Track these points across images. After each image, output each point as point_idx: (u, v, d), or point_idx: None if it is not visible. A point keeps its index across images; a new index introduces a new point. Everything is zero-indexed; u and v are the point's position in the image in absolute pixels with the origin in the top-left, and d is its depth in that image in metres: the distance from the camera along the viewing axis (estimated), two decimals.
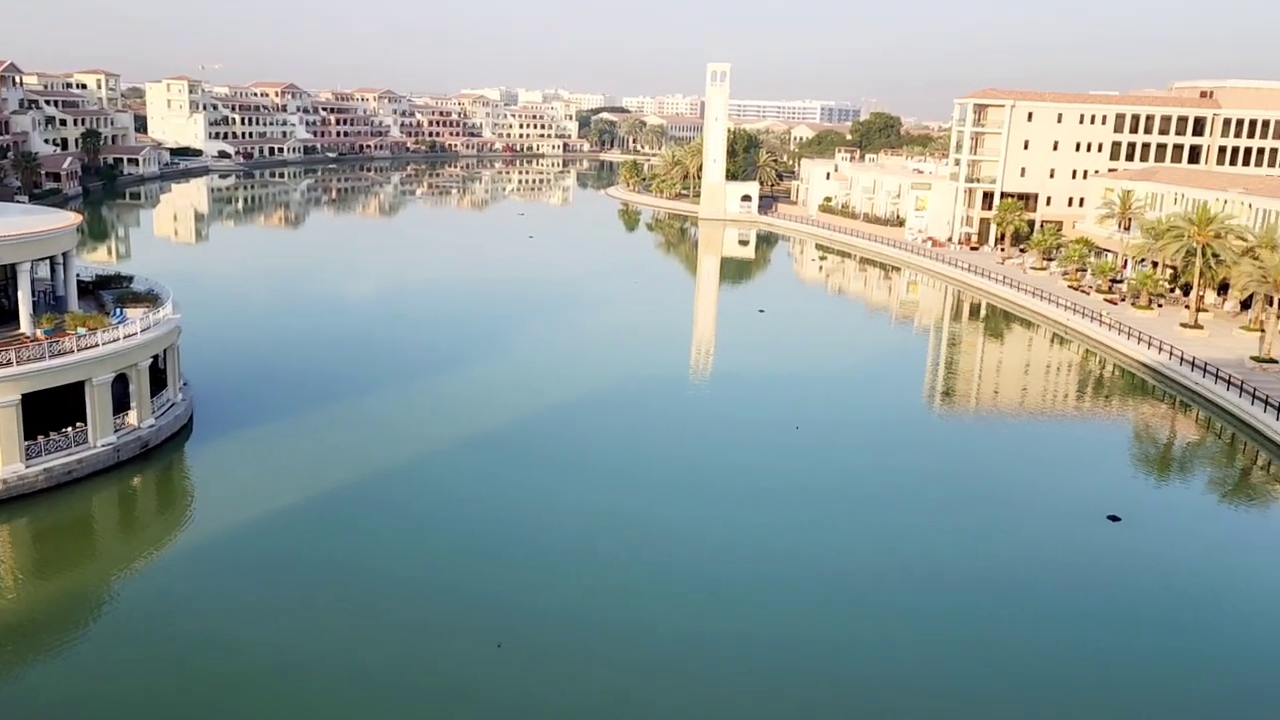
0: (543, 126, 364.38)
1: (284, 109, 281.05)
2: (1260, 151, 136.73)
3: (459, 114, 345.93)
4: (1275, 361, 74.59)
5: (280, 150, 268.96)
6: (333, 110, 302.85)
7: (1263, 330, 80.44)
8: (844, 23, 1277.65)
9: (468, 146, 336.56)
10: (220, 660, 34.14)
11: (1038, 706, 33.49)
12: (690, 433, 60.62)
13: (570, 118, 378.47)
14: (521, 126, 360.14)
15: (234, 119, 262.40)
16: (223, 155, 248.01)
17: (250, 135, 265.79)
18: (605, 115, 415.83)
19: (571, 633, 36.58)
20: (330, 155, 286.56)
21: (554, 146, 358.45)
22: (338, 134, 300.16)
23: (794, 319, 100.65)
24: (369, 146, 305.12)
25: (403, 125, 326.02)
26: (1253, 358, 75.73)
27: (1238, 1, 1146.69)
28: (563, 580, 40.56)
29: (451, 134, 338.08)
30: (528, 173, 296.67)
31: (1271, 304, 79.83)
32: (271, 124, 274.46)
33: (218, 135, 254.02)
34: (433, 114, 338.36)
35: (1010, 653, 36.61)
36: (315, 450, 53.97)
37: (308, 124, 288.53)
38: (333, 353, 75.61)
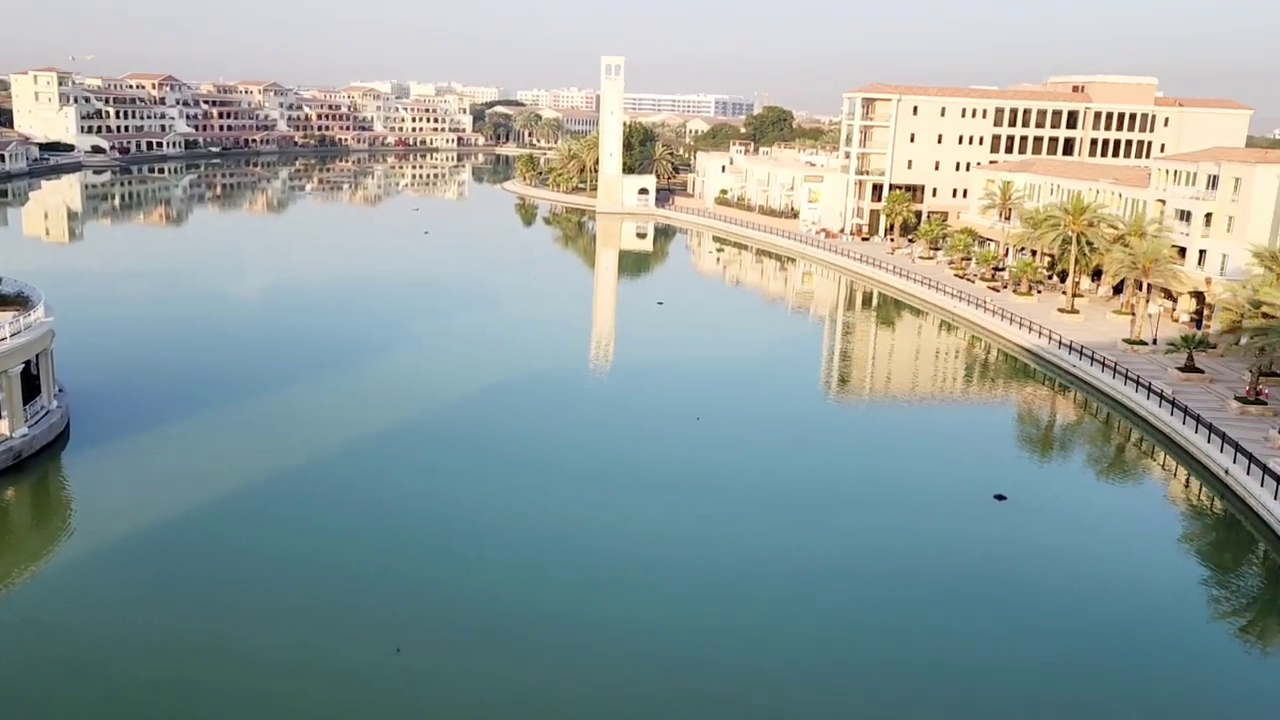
0: (436, 120, 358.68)
1: (162, 101, 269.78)
2: (1128, 143, 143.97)
3: (349, 107, 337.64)
4: (1145, 343, 78.67)
5: (159, 145, 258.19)
6: (215, 103, 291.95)
7: (1133, 314, 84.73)
8: (734, 17, 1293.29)
9: (359, 141, 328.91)
10: (103, 673, 32.86)
11: (927, 685, 34.64)
12: (591, 425, 60.72)
13: (464, 111, 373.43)
14: (414, 120, 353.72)
15: (108, 112, 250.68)
16: (97, 150, 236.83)
17: (126, 129, 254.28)
18: (500, 109, 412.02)
19: (470, 633, 36.25)
20: (213, 150, 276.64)
21: (448, 140, 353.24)
22: (221, 128, 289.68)
23: (693, 311, 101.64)
24: (255, 141, 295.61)
25: (290, 119, 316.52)
26: (1125, 340, 79.74)
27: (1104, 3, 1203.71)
28: (461, 579, 40.14)
29: (341, 128, 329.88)
30: (422, 167, 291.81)
31: (1141, 289, 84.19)
32: (149, 117, 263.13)
33: (91, 129, 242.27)
34: (321, 107, 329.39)
35: (900, 634, 37.68)
36: (201, 455, 52.12)
37: (188, 117, 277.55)
38: (221, 355, 73.10)
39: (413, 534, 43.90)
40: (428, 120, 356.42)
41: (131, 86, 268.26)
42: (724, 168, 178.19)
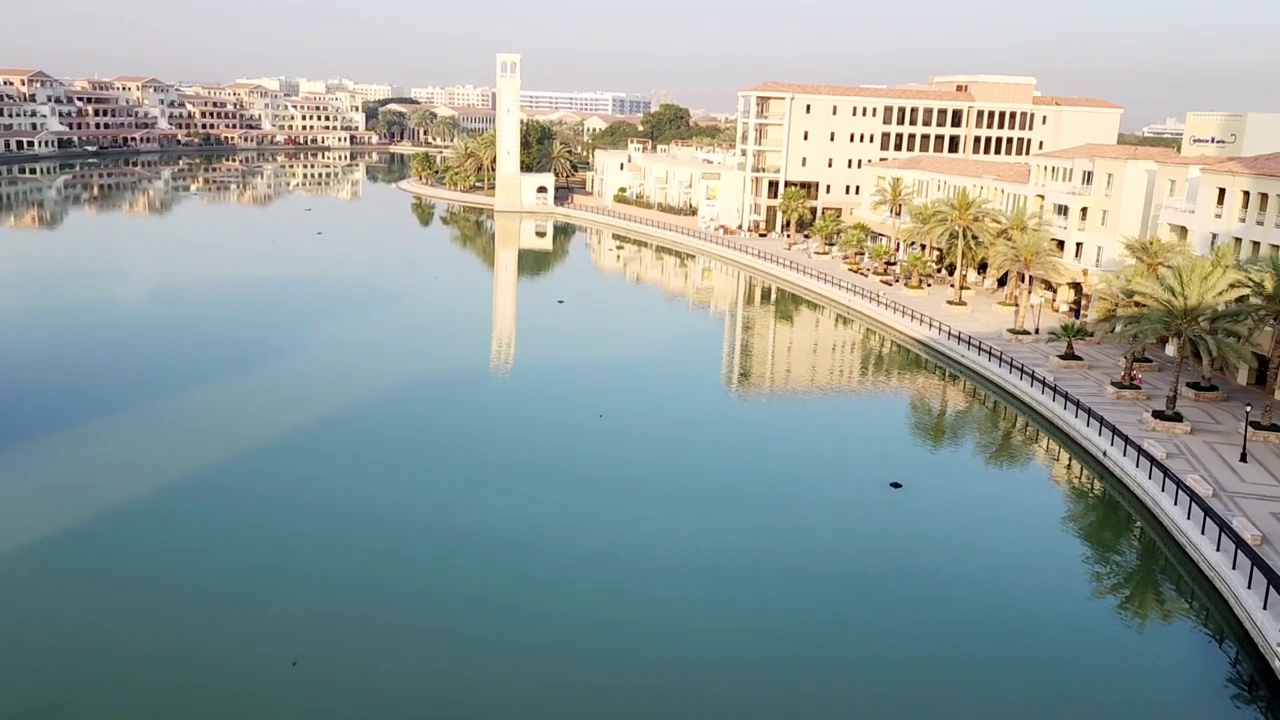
0: (327, 118, 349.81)
1: (32, 99, 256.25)
2: (1009, 141, 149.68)
3: (235, 105, 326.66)
4: (1028, 333, 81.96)
5: (30, 144, 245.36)
6: (90, 100, 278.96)
7: (1017, 305, 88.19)
8: (629, 15, 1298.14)
9: (246, 139, 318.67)
10: None
11: (828, 673, 35.46)
12: (493, 424, 60.20)
13: (356, 109, 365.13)
14: (304, 118, 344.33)
15: None
16: None
17: None
18: (393, 106, 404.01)
19: (368, 644, 35.52)
20: (90, 149, 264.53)
21: (340, 139, 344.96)
22: (97, 126, 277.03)
23: (594, 309, 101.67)
24: (134, 139, 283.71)
25: (171, 116, 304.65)
26: (1009, 330, 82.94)
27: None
28: (358, 589, 39.25)
29: (227, 126, 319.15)
30: (313, 166, 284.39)
31: (1023, 281, 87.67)
32: (18, 115, 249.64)
33: None
34: (205, 104, 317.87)
35: (798, 626, 38.36)
36: (85, 465, 49.89)
37: (61, 115, 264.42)
38: (101, 363, 70.13)
39: (309, 532, 42.89)
40: (318, 118, 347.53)
41: None
42: (622, 166, 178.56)
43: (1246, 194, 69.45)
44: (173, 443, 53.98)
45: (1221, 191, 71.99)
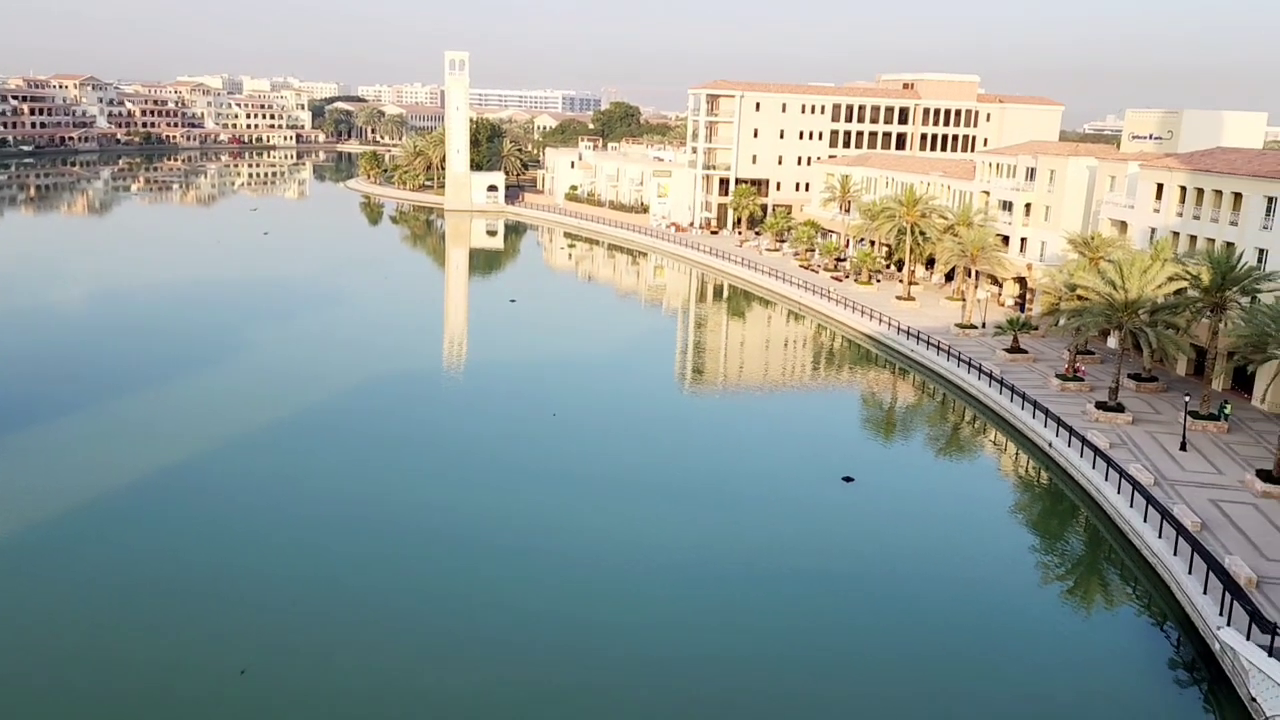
0: (273, 116, 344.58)
1: None
2: (954, 138, 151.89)
3: (176, 103, 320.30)
4: (975, 327, 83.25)
5: None
6: (25, 98, 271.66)
7: (964, 299, 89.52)
8: (580, 13, 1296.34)
9: (188, 138, 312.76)
10: None
11: (782, 668, 35.70)
12: (447, 424, 59.79)
13: (302, 107, 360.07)
14: (249, 116, 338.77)
15: None
16: None
17: None
18: (340, 104, 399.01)
19: (323, 647, 35.05)
20: (25, 149, 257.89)
21: (286, 138, 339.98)
22: (33, 125, 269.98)
23: (546, 307, 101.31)
24: (71, 139, 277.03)
25: (111, 115, 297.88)
26: (957, 324, 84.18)
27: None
28: (312, 589, 38.74)
29: (169, 125, 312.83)
30: (259, 165, 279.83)
31: (970, 275, 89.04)
32: None
33: None
34: (146, 103, 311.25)
35: (752, 620, 38.42)
36: (39, 467, 48.66)
37: None
38: (50, 364, 68.31)
39: (264, 533, 42.25)
40: (264, 116, 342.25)
41: None
42: (573, 164, 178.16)
43: (1183, 189, 71.17)
44: (126, 444, 52.88)
45: (1159, 187, 73.69)
